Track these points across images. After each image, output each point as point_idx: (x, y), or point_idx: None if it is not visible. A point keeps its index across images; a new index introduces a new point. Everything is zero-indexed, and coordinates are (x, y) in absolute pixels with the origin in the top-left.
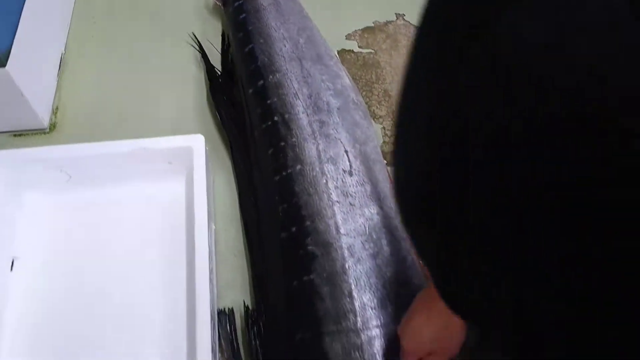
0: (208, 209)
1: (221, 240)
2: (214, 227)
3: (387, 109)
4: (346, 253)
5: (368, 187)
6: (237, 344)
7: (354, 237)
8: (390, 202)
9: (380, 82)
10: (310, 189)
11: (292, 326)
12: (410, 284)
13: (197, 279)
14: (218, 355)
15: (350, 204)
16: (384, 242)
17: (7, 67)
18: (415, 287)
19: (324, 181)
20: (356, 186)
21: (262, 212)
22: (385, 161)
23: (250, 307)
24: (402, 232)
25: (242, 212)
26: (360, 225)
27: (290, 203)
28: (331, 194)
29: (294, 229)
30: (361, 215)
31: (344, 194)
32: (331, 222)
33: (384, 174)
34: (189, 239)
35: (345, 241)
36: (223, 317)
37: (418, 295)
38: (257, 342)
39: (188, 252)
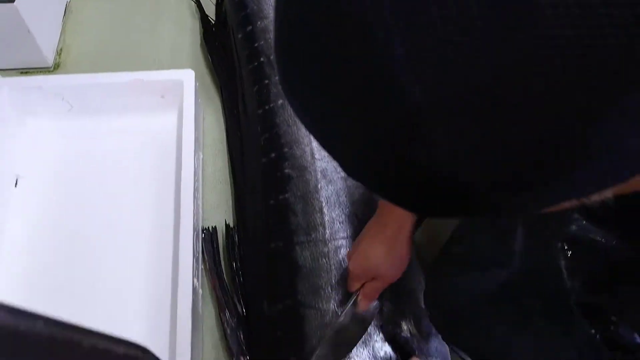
0: (196, 137)
1: (208, 170)
2: (201, 156)
3: None
4: (319, 175)
5: None
6: (218, 256)
7: (328, 162)
8: None
9: None
10: (290, 120)
11: (267, 238)
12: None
13: (183, 196)
14: (201, 265)
15: None
16: None
17: (15, 2)
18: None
19: None
20: None
21: (246, 143)
22: None
23: (231, 225)
24: None
25: (229, 144)
26: None
27: (271, 133)
28: None
29: (273, 154)
30: None
31: None
32: (307, 149)
33: None
34: (177, 164)
35: (319, 165)
36: (207, 234)
37: (367, 223)
38: (236, 254)
39: (176, 174)
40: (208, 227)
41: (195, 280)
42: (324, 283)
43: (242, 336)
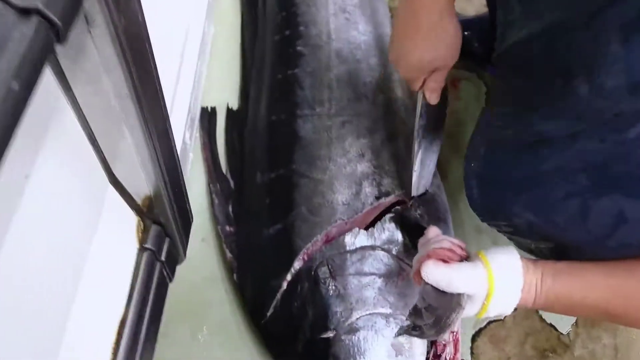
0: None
1: (219, 45)
2: (212, 30)
3: None
4: (333, 54)
5: (367, 12)
6: (214, 133)
7: (344, 44)
8: (387, 30)
9: None
10: (310, 0)
11: (269, 111)
12: (393, 95)
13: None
14: (195, 133)
15: (346, 19)
16: (372, 55)
17: None
18: (396, 99)
19: None
20: (355, 7)
21: (261, 22)
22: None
23: (234, 108)
24: None
25: (243, 22)
26: (352, 36)
27: (289, 12)
28: (329, 7)
29: (287, 32)
30: (355, 29)
31: (341, 10)
32: (324, 29)
33: (384, 11)
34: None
35: (335, 45)
36: (204, 112)
37: (395, 21)
38: (235, 134)
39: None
40: (207, 107)
41: (187, 134)
42: (321, 155)
43: (230, 207)
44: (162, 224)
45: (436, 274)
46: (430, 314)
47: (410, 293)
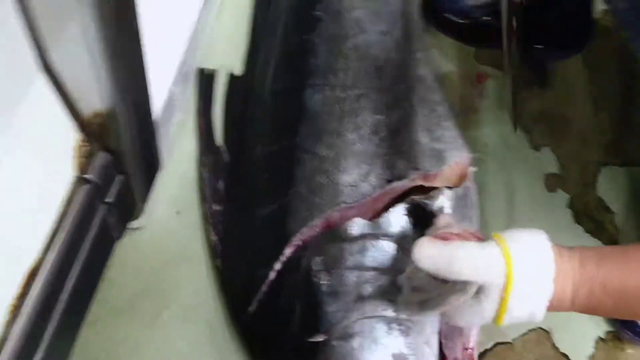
0: None
1: (228, 6)
2: None
3: None
4: (352, 23)
5: None
6: (211, 100)
7: (367, 13)
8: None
9: None
10: None
11: (275, 78)
12: (415, 74)
13: None
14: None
15: None
16: (396, 29)
17: None
18: (418, 77)
19: None
20: None
21: None
22: None
23: (237, 74)
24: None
25: None
26: (374, 6)
27: None
28: None
29: None
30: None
31: None
32: None
33: None
34: None
35: (356, 13)
36: (203, 75)
37: None
38: (237, 104)
39: None
40: (206, 69)
41: (177, 87)
42: (330, 129)
43: (220, 183)
44: (115, 154)
45: (432, 253)
46: (416, 296)
47: None
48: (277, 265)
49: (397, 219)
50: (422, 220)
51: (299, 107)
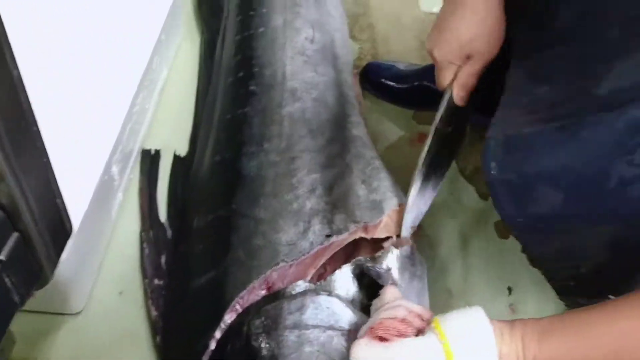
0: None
1: (171, 90)
2: (165, 73)
3: (369, 37)
4: (286, 94)
5: (329, 57)
6: (155, 178)
7: (300, 84)
8: (348, 77)
9: (366, 16)
10: (267, 45)
11: (214, 152)
12: (349, 134)
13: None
14: (132, 186)
15: (305, 61)
16: (331, 95)
17: None
18: (352, 137)
19: (283, 41)
20: (315, 52)
21: (217, 65)
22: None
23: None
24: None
25: (200, 68)
26: (309, 77)
27: (245, 54)
28: (287, 51)
29: (241, 73)
30: (313, 70)
31: (300, 53)
32: (279, 70)
33: (347, 60)
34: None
35: (289, 85)
36: (146, 156)
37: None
38: (179, 182)
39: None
40: (149, 149)
41: (115, 167)
42: (265, 192)
43: (163, 259)
44: (7, 209)
45: (368, 357)
46: None
47: None
48: (217, 334)
49: (340, 276)
50: (368, 280)
51: (235, 176)
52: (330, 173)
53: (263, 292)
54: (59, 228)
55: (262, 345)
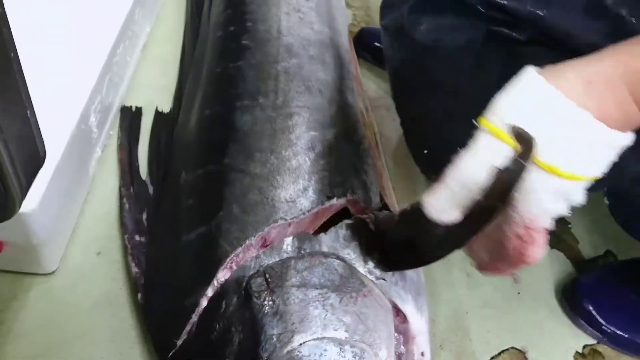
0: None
1: (156, 45)
2: (147, 29)
3: (362, 4)
4: (282, 49)
5: (324, 15)
6: (136, 135)
7: (295, 40)
8: (344, 39)
9: None
10: (261, 1)
11: (203, 105)
12: (345, 94)
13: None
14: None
15: (300, 18)
16: (328, 55)
17: None
18: (348, 101)
19: None
20: (311, 9)
21: (206, 20)
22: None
23: (164, 111)
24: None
25: (186, 24)
26: (305, 33)
27: (236, 9)
28: (282, 7)
29: (232, 28)
30: (309, 27)
31: (295, 10)
32: (274, 25)
33: (343, 20)
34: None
35: (284, 41)
36: (127, 112)
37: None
38: (162, 138)
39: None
40: (130, 106)
41: (93, 117)
42: (262, 147)
43: (144, 216)
44: None
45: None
46: None
47: (373, 314)
48: (209, 291)
49: (343, 233)
50: (370, 235)
51: (227, 130)
52: (330, 133)
53: (259, 249)
54: (31, 155)
55: (266, 302)
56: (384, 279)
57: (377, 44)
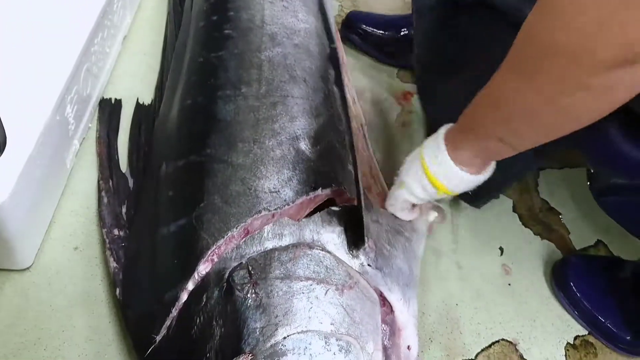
0: None
1: (137, 36)
2: (128, 20)
3: None
4: (265, 38)
5: (309, 3)
6: (115, 128)
7: (279, 28)
8: (331, 28)
9: None
10: None
11: (184, 95)
12: (331, 83)
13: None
14: (91, 135)
15: (284, 7)
16: (314, 43)
17: None
18: (334, 91)
19: None
20: None
21: (188, 10)
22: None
23: (145, 103)
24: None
25: (168, 16)
26: (289, 22)
27: None
28: None
29: (214, 17)
30: (293, 16)
31: None
32: (257, 14)
33: (329, 10)
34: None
35: (268, 29)
36: (106, 105)
37: None
38: (142, 130)
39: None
40: (110, 98)
41: (69, 107)
42: (244, 137)
43: (123, 209)
44: None
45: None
46: None
47: (359, 306)
48: (190, 285)
49: (327, 223)
50: (354, 223)
51: (209, 120)
52: (315, 122)
53: (240, 241)
54: None
55: (249, 295)
56: (369, 265)
57: (364, 26)
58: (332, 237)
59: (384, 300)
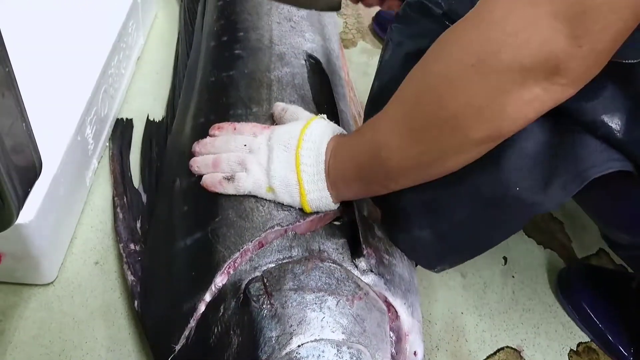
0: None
1: (150, 57)
2: (142, 41)
3: (353, 11)
4: (274, 58)
5: (316, 24)
6: (128, 146)
7: (287, 48)
8: (335, 45)
9: None
10: (251, 10)
11: (196, 114)
12: (337, 101)
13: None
14: (110, 161)
15: (292, 27)
16: (320, 62)
17: None
18: (340, 108)
19: (269, 7)
20: (302, 18)
21: (199, 31)
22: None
23: (155, 120)
24: (340, 67)
25: (179, 35)
26: (297, 42)
27: (228, 20)
28: (272, 16)
29: (225, 37)
30: (301, 36)
31: (287, 19)
32: (266, 34)
33: (334, 29)
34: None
35: (277, 50)
36: (119, 125)
37: None
38: (154, 146)
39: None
40: (122, 118)
41: (89, 128)
42: None
43: (138, 224)
44: None
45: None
46: None
47: (369, 316)
48: (207, 296)
49: (337, 235)
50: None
51: None
52: None
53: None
54: (27, 166)
55: (264, 305)
56: (371, 271)
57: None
58: (337, 248)
59: (389, 306)
